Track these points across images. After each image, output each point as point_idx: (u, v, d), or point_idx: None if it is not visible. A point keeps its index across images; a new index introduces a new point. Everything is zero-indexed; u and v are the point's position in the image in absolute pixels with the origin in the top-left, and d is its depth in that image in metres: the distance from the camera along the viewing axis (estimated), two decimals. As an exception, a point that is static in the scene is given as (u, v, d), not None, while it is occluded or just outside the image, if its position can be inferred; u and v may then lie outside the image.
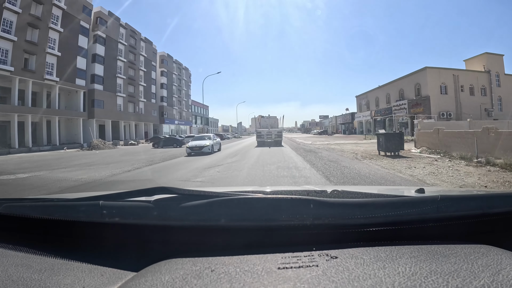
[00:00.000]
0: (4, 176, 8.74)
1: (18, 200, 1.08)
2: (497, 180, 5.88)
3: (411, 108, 33.34)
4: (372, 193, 0.99)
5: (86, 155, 19.13)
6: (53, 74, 30.38)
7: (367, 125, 47.36)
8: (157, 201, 0.80)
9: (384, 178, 6.37)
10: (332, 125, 72.09)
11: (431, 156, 10.51)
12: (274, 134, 23.15)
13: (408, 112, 32.82)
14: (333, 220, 0.75)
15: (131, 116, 44.05)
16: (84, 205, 0.86)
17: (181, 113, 63.53)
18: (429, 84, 31.48)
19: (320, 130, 71.80)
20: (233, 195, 0.82)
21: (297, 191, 1.08)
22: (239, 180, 6.68)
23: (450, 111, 31.48)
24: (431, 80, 31.59)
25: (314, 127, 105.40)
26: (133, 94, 44.88)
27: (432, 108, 30.82)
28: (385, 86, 41.35)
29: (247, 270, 0.59)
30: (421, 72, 32.83)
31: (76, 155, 19.01)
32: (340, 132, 60.65)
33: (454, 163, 8.41)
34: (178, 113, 62.29)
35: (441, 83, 32.07)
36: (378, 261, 0.61)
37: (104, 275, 0.66)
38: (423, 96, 32.22)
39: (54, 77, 30.31)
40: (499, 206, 0.82)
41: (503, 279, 0.53)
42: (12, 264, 0.69)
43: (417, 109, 32.27)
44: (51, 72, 30.37)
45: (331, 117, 78.75)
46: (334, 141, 25.93)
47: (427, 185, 5.35)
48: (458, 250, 0.66)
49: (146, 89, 48.85)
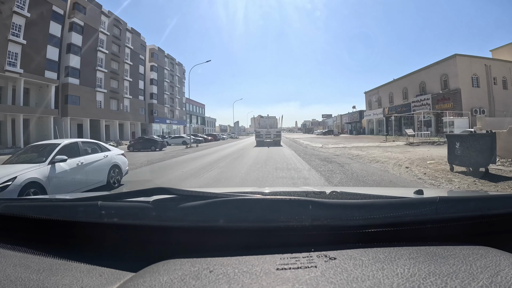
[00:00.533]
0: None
1: (16, 200, 1.16)
2: None
3: (436, 104, 28.39)
4: (371, 194, 0.98)
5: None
6: (16, 65, 25.71)
7: (378, 124, 42.40)
8: (155, 202, 0.80)
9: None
10: (336, 125, 67.24)
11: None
12: (273, 134, 23.28)
13: (432, 108, 27.86)
14: (331, 221, 0.74)
15: (113, 114, 39.22)
16: (83, 205, 0.86)
17: (173, 111, 58.59)
18: (460, 75, 26.46)
19: (324, 130, 66.38)
20: (231, 196, 0.82)
21: (296, 192, 1.11)
22: None
23: (483, 107, 26.54)
24: (462, 70, 26.57)
25: (316, 127, 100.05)
26: (117, 90, 40.02)
27: (463, 103, 25.87)
28: (402, 79, 36.27)
29: (246, 271, 0.59)
30: (449, 61, 27.74)
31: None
32: (347, 132, 55.72)
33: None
34: (170, 112, 57.35)
35: (472, 74, 27.09)
36: (377, 262, 0.61)
37: (103, 276, 0.66)
38: (451, 90, 27.21)
39: (18, 69, 25.59)
40: (498, 208, 0.82)
41: (501, 281, 0.53)
42: (11, 264, 0.69)
43: (444, 105, 27.35)
44: (14, 63, 25.70)
45: (335, 116, 73.91)
46: (349, 143, 21.01)
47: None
48: (456, 251, 0.66)
49: (132, 84, 44.00)
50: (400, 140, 22.03)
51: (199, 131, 62.65)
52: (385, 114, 39.23)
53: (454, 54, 27.29)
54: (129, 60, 43.39)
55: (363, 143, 20.31)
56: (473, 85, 27.04)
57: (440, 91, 28.61)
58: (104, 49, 37.81)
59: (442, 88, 28.51)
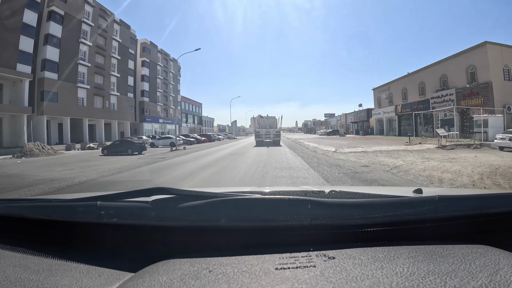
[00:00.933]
0: None
1: (15, 200, 1.13)
2: None
3: (461, 100, 24.73)
4: (370, 193, 0.98)
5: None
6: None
7: (389, 123, 38.75)
8: (155, 202, 0.80)
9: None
10: (340, 124, 63.50)
11: None
12: (272, 134, 23.37)
13: (456, 105, 24.19)
14: (331, 220, 0.75)
15: (99, 112, 35.72)
16: (82, 205, 0.86)
17: (167, 110, 54.96)
18: (491, 66, 22.71)
19: (328, 130, 61.85)
20: (231, 196, 0.82)
21: (295, 192, 1.10)
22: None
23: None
24: (493, 60, 22.85)
25: (318, 127, 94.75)
26: (102, 86, 36.52)
27: (495, 98, 22.23)
28: (418, 73, 32.40)
29: (245, 270, 0.59)
30: (477, 50, 23.86)
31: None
32: (352, 132, 52.02)
33: None
34: (164, 111, 53.74)
35: (503, 65, 23.41)
36: (376, 261, 0.61)
37: (102, 276, 0.66)
38: (481, 83, 23.43)
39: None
40: (497, 207, 0.82)
41: (500, 279, 0.53)
42: (10, 265, 0.69)
43: (472, 101, 23.64)
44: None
45: (338, 115, 70.02)
46: (367, 146, 17.42)
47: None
48: (456, 250, 0.66)
49: (120, 80, 40.45)
50: (427, 142, 18.44)
51: (195, 131, 59.06)
52: (397, 112, 35.47)
53: (484, 42, 23.43)
54: (116, 54, 39.83)
55: (383, 146, 16.70)
56: (504, 78, 23.38)
57: (466, 85, 24.77)
58: (88, 42, 34.33)
59: (468, 82, 24.69)
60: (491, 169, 7.01)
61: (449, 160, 9.21)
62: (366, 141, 24.88)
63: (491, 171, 6.78)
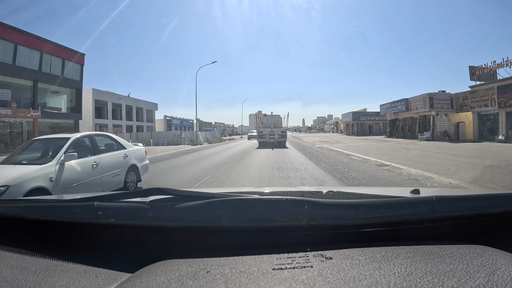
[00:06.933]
0: None
1: (13, 201, 1.12)
2: None
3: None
4: (368, 194, 0.98)
5: None
6: None
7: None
8: (152, 202, 0.79)
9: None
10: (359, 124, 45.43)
11: None
12: (277, 134, 20.94)
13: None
14: (328, 221, 0.74)
15: None
16: (79, 206, 0.85)
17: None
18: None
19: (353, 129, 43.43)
20: (228, 196, 0.81)
21: (292, 192, 1.11)
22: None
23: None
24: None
25: (333, 125, 74.71)
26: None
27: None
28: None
29: (243, 271, 0.59)
30: None
31: None
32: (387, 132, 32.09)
33: None
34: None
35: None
36: (374, 261, 0.61)
37: (99, 276, 0.65)
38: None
39: None
40: (494, 207, 0.82)
41: (498, 279, 0.53)
42: (7, 266, 0.69)
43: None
44: None
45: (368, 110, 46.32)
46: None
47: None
48: (453, 250, 0.66)
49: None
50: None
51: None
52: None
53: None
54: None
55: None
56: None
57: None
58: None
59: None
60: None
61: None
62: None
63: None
